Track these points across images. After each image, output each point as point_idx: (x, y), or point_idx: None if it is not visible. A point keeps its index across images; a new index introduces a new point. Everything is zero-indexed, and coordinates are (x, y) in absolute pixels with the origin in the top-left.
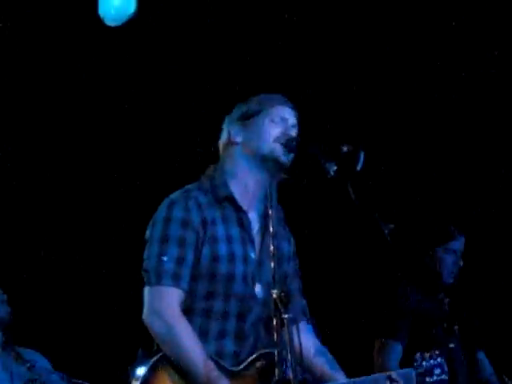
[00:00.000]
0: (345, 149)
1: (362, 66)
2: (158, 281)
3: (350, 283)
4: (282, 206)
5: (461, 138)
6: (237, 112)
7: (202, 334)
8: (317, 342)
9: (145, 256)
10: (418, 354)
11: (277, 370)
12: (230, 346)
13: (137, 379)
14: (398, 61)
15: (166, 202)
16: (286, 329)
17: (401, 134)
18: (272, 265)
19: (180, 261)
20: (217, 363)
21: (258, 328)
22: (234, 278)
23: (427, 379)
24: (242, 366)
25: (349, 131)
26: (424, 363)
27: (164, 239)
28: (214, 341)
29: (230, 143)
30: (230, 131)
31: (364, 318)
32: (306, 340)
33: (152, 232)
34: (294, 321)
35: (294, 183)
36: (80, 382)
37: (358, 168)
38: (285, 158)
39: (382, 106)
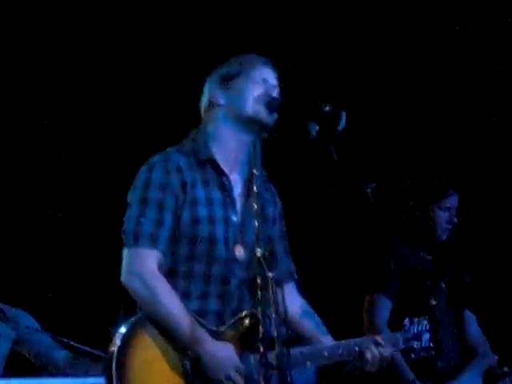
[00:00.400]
0: (327, 108)
1: (345, 24)
2: (136, 242)
3: (339, 241)
4: (265, 167)
5: (451, 90)
6: (217, 74)
7: (184, 295)
8: (304, 303)
9: (124, 219)
10: (407, 319)
11: (260, 328)
12: (213, 305)
13: (117, 338)
14: (382, 16)
15: (145, 165)
16: (269, 288)
17: (387, 90)
18: (256, 224)
19: (158, 223)
20: (198, 322)
21: (242, 290)
22: (215, 241)
23: (415, 344)
24: (225, 326)
25: (331, 90)
26: (412, 328)
27: (143, 202)
28: (196, 300)
29: (212, 105)
30: (211, 93)
31: (354, 275)
32: (293, 301)
33: (132, 195)
34: (277, 281)
35: (277, 143)
36: (67, 341)
37: (340, 127)
38: (268, 118)
39: (365, 61)
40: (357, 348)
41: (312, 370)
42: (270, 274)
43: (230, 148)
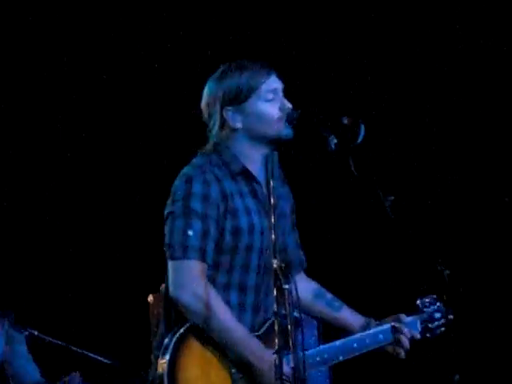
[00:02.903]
0: (345, 121)
1: (363, 37)
2: (184, 254)
3: (357, 253)
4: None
5: (466, 107)
6: (223, 93)
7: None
8: (314, 285)
9: (166, 231)
10: (419, 301)
11: (277, 340)
12: (248, 317)
13: (165, 351)
14: (400, 30)
15: (182, 177)
16: (286, 299)
17: (404, 107)
18: (273, 237)
19: (204, 235)
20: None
21: (270, 297)
22: (252, 250)
23: (429, 325)
24: (259, 333)
25: (349, 103)
26: (425, 309)
27: (187, 214)
28: (233, 310)
29: (228, 127)
30: (224, 116)
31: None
32: (304, 288)
33: (173, 208)
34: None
35: (295, 155)
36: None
37: (359, 140)
38: (288, 132)
39: (383, 77)
40: (381, 336)
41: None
42: (287, 286)
43: (255, 160)
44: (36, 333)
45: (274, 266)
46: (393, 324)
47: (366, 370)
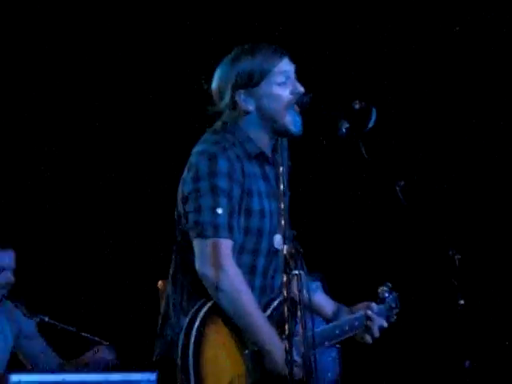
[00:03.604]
0: (357, 106)
1: (375, 22)
2: (215, 233)
3: (367, 239)
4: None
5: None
6: (236, 76)
7: None
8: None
9: (192, 209)
10: (380, 289)
11: (286, 326)
12: (256, 297)
13: (188, 332)
14: (412, 14)
15: (203, 154)
16: (295, 285)
17: (416, 91)
18: (283, 223)
19: (231, 213)
20: None
21: (276, 279)
22: (262, 234)
23: (389, 314)
24: (267, 314)
25: (361, 87)
26: (386, 298)
27: (214, 192)
28: None
29: (239, 109)
30: (235, 98)
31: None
32: None
33: (199, 185)
34: (302, 276)
35: (307, 140)
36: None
37: (370, 125)
38: (297, 129)
39: (394, 61)
40: (357, 323)
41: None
42: (297, 272)
43: (266, 145)
44: (47, 319)
45: (284, 251)
46: (366, 312)
47: (375, 354)
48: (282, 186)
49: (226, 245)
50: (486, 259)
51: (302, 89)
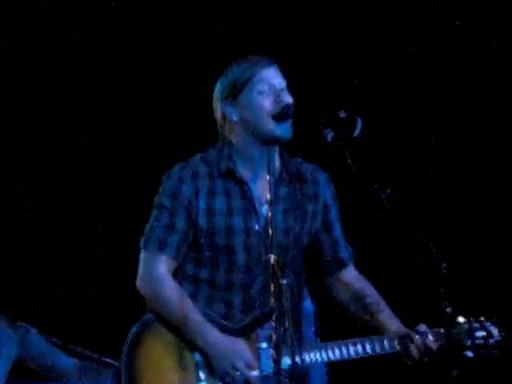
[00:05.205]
0: (342, 114)
1: (360, 30)
2: (146, 246)
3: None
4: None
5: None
6: (222, 88)
7: (208, 302)
8: (357, 285)
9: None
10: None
11: (274, 336)
12: (236, 311)
13: (128, 337)
14: (397, 22)
15: (166, 173)
16: (283, 294)
17: (400, 100)
18: (270, 232)
19: (168, 228)
20: (221, 323)
21: (265, 295)
22: (234, 251)
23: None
24: (242, 324)
25: (346, 97)
26: (465, 324)
27: (158, 208)
28: (219, 307)
29: (227, 121)
30: (222, 109)
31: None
32: (344, 288)
33: (154, 201)
34: (326, 272)
35: (292, 149)
36: (76, 348)
37: (356, 134)
38: (285, 134)
39: (379, 70)
40: (386, 342)
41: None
42: (284, 281)
43: (253, 158)
44: (34, 331)
45: (271, 261)
46: (407, 332)
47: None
48: (268, 195)
49: (154, 258)
50: (473, 267)
51: (288, 99)
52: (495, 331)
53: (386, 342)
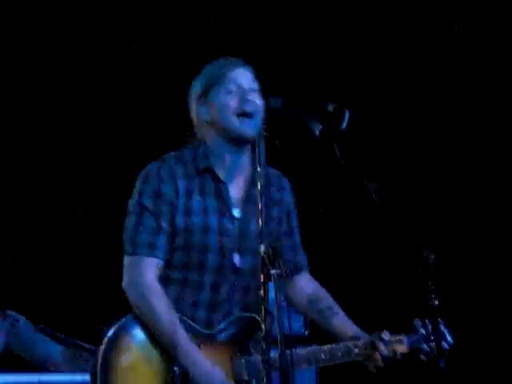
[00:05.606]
0: (330, 108)
1: (349, 22)
2: (135, 250)
3: (343, 240)
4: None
5: (455, 90)
6: (195, 87)
7: (178, 303)
8: (311, 288)
9: (124, 227)
10: (417, 320)
11: (262, 327)
12: (202, 315)
13: (105, 340)
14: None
15: (140, 174)
16: (273, 284)
17: (393, 89)
18: (260, 222)
19: (155, 231)
20: (190, 326)
21: (233, 296)
22: (208, 250)
23: (422, 346)
24: (215, 330)
25: (334, 89)
26: (421, 330)
27: (139, 211)
28: (187, 307)
29: (201, 123)
30: (195, 110)
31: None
32: (302, 290)
33: (130, 204)
34: (287, 275)
35: (280, 142)
36: (64, 336)
37: (344, 127)
38: (249, 131)
39: (369, 60)
40: (357, 350)
41: (313, 370)
42: (274, 271)
43: (227, 158)
44: (22, 320)
45: (261, 252)
46: (373, 340)
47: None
48: (258, 188)
49: (145, 262)
50: (460, 260)
51: (254, 98)
52: (447, 332)
53: (354, 349)
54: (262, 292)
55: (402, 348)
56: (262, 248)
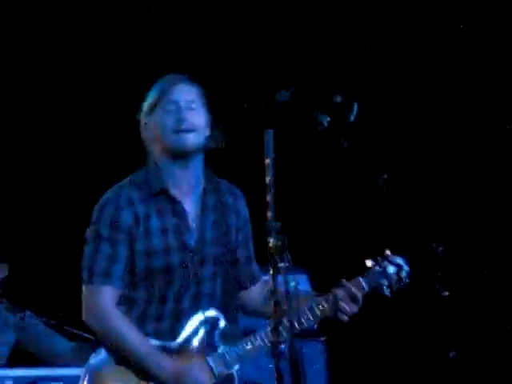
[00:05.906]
0: (338, 99)
1: (356, 15)
2: (90, 279)
3: (350, 232)
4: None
5: (461, 84)
6: (143, 105)
7: (141, 319)
8: (262, 288)
9: (82, 255)
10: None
11: (272, 317)
12: (166, 325)
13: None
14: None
15: (99, 201)
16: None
17: (397, 85)
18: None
19: (111, 259)
20: (157, 345)
21: (196, 304)
22: (172, 269)
23: (382, 281)
24: (182, 340)
25: (342, 81)
26: (376, 268)
27: (96, 239)
28: (151, 322)
29: (147, 139)
30: (144, 127)
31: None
32: (254, 298)
33: (87, 232)
34: (243, 284)
35: (289, 135)
36: (70, 329)
37: (352, 119)
38: (189, 143)
39: (375, 55)
40: (320, 306)
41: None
42: (282, 264)
43: (178, 176)
44: (29, 313)
45: (270, 245)
46: (334, 292)
47: (361, 346)
48: (268, 179)
49: (100, 291)
50: (469, 250)
51: (188, 115)
52: (403, 262)
53: (315, 308)
54: (271, 285)
55: (361, 289)
56: (271, 241)
